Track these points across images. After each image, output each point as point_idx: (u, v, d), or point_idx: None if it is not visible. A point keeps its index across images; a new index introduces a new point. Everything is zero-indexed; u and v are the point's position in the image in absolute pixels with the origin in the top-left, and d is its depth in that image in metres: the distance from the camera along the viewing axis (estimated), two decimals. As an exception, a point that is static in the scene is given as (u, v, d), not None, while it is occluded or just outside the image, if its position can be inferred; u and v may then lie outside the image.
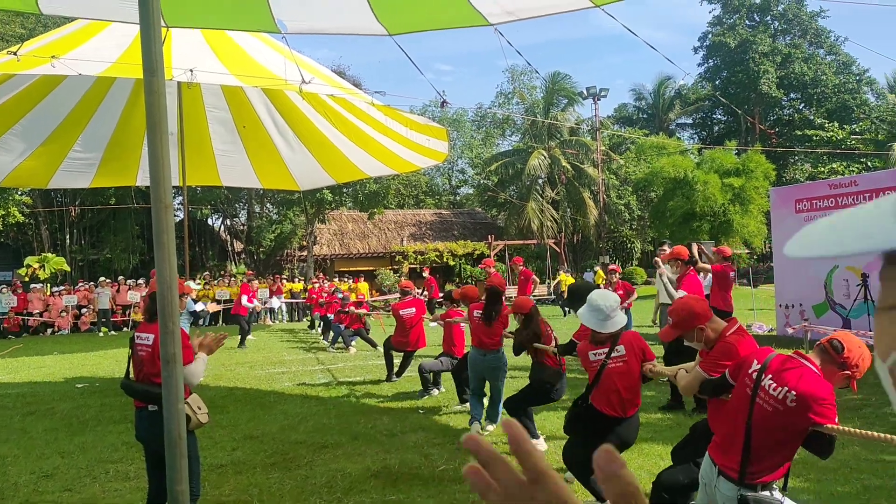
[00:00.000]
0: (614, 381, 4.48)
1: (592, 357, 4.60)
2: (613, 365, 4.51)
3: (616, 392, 4.48)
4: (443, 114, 41.87)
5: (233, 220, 35.98)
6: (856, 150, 37.17)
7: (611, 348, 4.53)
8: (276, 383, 10.43)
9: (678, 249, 8.08)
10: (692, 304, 3.60)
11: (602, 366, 4.51)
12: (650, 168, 32.96)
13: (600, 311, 4.48)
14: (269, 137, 11.82)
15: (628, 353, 4.51)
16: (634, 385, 4.53)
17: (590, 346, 4.64)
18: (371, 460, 5.96)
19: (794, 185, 16.63)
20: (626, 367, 4.50)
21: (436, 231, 38.72)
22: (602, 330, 4.49)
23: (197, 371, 3.88)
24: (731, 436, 3.10)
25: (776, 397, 2.94)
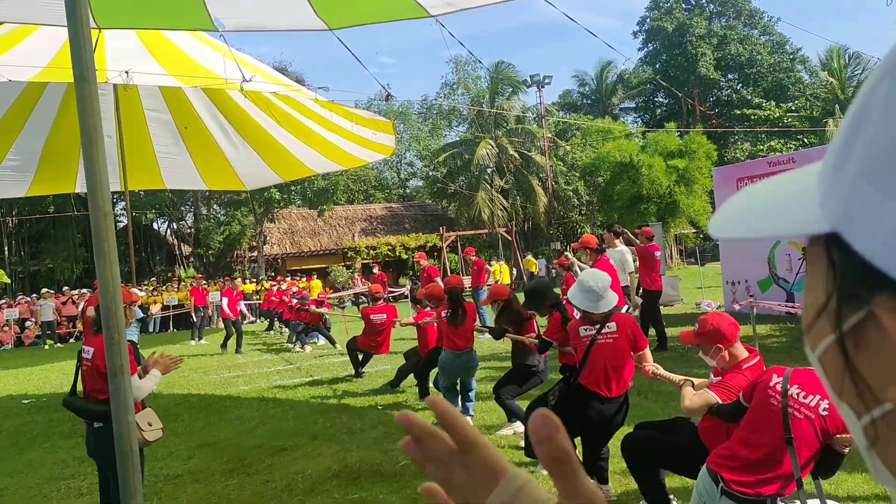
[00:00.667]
0: (604, 357, 4.43)
1: (583, 333, 4.54)
2: (603, 340, 4.45)
3: (604, 369, 4.42)
4: (388, 107, 41.73)
5: (179, 224, 35.23)
6: (792, 127, 38.30)
7: (602, 324, 4.48)
8: (231, 388, 10.27)
9: (586, 238, 8.24)
10: (722, 325, 3.55)
11: (592, 341, 4.45)
12: (596, 153, 33.41)
13: (592, 292, 4.45)
14: (213, 138, 11.58)
15: (619, 331, 4.46)
16: (622, 364, 4.46)
17: (580, 323, 4.60)
18: (331, 460, 5.92)
19: (736, 165, 17.06)
20: (615, 343, 4.44)
21: (387, 225, 38.59)
22: (595, 311, 4.46)
23: (141, 386, 3.74)
24: (757, 453, 3.02)
25: (808, 405, 2.92)
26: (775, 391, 3.04)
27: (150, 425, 3.79)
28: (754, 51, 47.70)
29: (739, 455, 3.07)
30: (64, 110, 10.35)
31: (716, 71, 46.80)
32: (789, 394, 2.98)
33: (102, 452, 3.22)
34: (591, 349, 4.43)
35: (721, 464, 3.11)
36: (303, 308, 14.27)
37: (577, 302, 4.51)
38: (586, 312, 4.51)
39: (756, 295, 12.32)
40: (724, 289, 14.66)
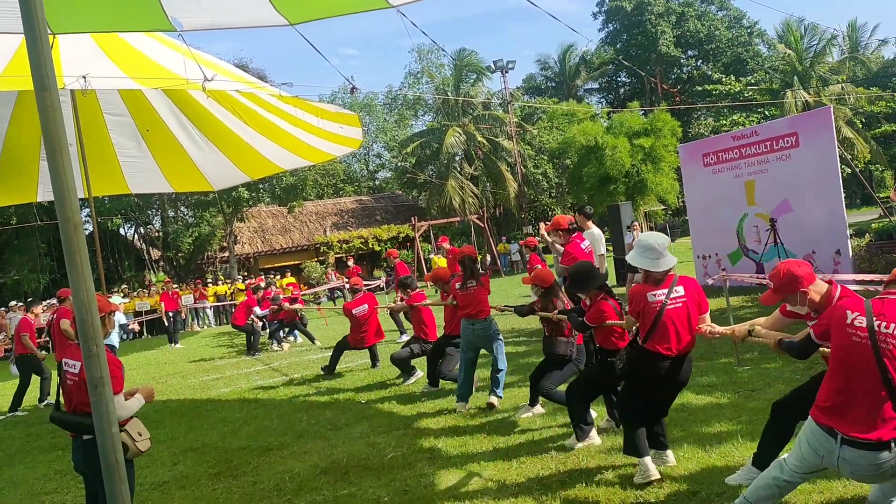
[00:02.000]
0: (674, 324, 4.29)
1: (651, 298, 4.31)
2: (672, 305, 4.29)
3: (675, 333, 4.28)
4: (353, 100, 41.44)
5: (146, 228, 34.72)
6: (753, 100, 38.78)
7: (670, 288, 4.31)
8: (211, 391, 10.18)
9: (557, 219, 8.27)
10: (793, 268, 3.45)
11: (662, 307, 4.26)
12: (563, 136, 33.55)
13: (652, 250, 4.32)
14: (176, 139, 11.40)
15: (687, 295, 4.33)
16: (691, 327, 4.33)
17: (647, 287, 4.38)
18: (318, 457, 5.91)
19: (701, 140, 17.24)
20: (684, 307, 4.31)
21: (358, 218, 38.44)
22: (656, 269, 4.31)
23: (126, 405, 3.71)
24: (855, 396, 2.94)
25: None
26: (856, 328, 2.95)
27: (140, 435, 3.75)
28: (712, 26, 48.19)
29: (843, 404, 2.99)
30: (18, 121, 10.09)
31: (676, 48, 47.22)
32: (879, 330, 2.90)
33: (92, 465, 3.18)
34: (661, 315, 4.26)
35: (830, 416, 3.02)
36: (277, 307, 14.17)
37: (637, 262, 4.39)
38: (647, 272, 4.36)
39: (727, 268, 12.51)
40: (695, 263, 14.85)
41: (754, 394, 6.05)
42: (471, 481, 4.82)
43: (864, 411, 2.93)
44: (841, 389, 3.01)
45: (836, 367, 3.05)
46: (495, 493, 4.53)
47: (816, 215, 11.90)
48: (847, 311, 3.02)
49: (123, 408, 3.67)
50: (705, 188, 14.23)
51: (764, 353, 7.43)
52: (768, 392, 6.00)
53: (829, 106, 15.62)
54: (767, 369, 6.76)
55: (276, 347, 14.12)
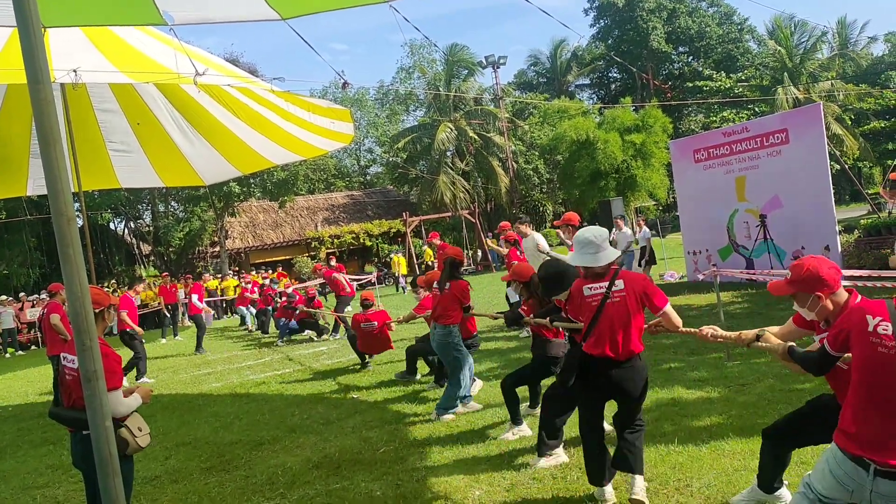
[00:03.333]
0: (611, 318, 3.95)
1: (588, 292, 4.03)
2: (611, 300, 3.94)
3: (610, 331, 3.95)
4: (344, 95, 41.36)
5: (137, 222, 34.56)
6: (743, 97, 38.93)
7: (611, 282, 3.92)
8: (202, 385, 10.17)
9: (568, 216, 8.42)
10: (821, 269, 2.98)
11: (603, 300, 3.90)
12: (554, 132, 33.60)
13: (590, 244, 4.05)
14: (167, 133, 11.35)
15: (627, 289, 3.97)
16: (630, 324, 3.97)
17: (585, 282, 4.09)
18: (310, 451, 5.92)
19: (692, 137, 17.32)
20: (623, 302, 3.96)
21: (349, 213, 38.40)
22: (596, 263, 4.03)
23: (126, 402, 3.70)
24: (888, 417, 2.52)
25: None
26: (881, 336, 2.51)
27: (141, 430, 3.73)
28: (703, 23, 48.32)
29: (873, 428, 2.55)
30: (5, 113, 10.02)
31: (667, 44, 47.32)
32: None
33: (91, 461, 3.18)
34: (601, 310, 3.90)
35: (860, 444, 2.57)
36: (290, 307, 14.14)
37: (576, 261, 4.15)
38: (587, 268, 4.09)
39: (717, 263, 12.58)
40: (686, 259, 14.93)
41: (745, 388, 6.10)
42: (463, 476, 4.84)
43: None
44: (868, 410, 2.57)
45: (861, 384, 2.60)
46: (487, 488, 4.56)
47: (806, 211, 11.99)
48: (867, 316, 2.57)
49: (122, 404, 3.66)
50: (696, 184, 14.30)
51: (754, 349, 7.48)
52: (758, 386, 6.05)
53: (819, 103, 15.71)
54: (757, 364, 6.82)
55: (280, 343, 13.99)
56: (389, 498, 4.59)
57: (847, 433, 2.62)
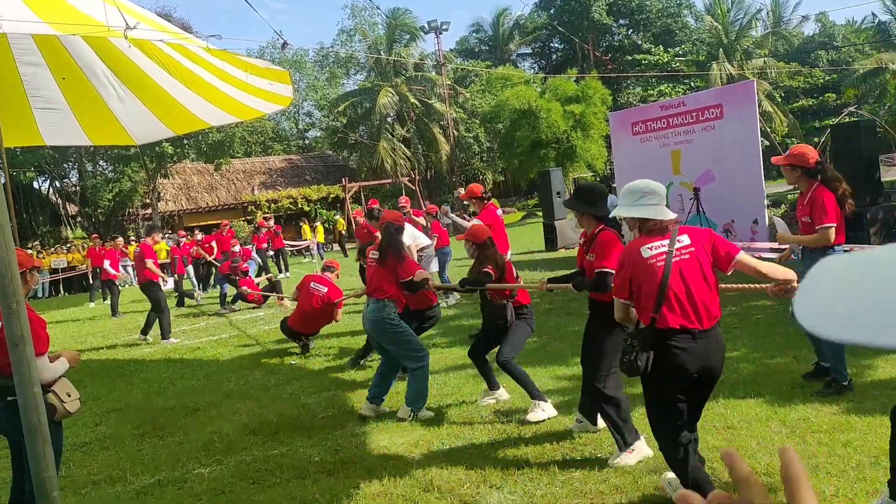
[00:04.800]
0: (686, 281, 3.22)
1: (647, 253, 3.28)
2: (680, 258, 3.25)
3: (689, 296, 3.22)
4: (282, 56, 40.33)
5: (63, 182, 33.15)
6: (680, 71, 39.68)
7: (672, 238, 3.29)
8: (135, 351, 9.92)
9: (472, 187, 8.43)
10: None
11: (668, 260, 3.23)
12: (496, 100, 33.61)
13: (654, 194, 3.36)
14: (95, 90, 10.82)
15: (695, 244, 3.28)
16: (709, 285, 3.27)
17: (642, 240, 3.34)
18: (247, 417, 5.86)
19: (630, 109, 17.57)
20: (695, 261, 3.26)
21: (287, 177, 37.74)
22: (663, 217, 3.33)
23: (52, 367, 3.57)
24: None
25: None
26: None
27: (70, 395, 3.61)
28: (644, -4, 48.80)
29: None
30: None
31: (608, 16, 47.64)
32: None
33: (15, 425, 3.07)
34: (668, 272, 3.21)
35: None
36: (235, 272, 12.97)
37: (636, 213, 3.38)
38: (645, 221, 3.37)
39: (652, 234, 12.88)
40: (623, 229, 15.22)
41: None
42: (402, 440, 4.88)
43: None
44: None
45: None
46: (427, 452, 4.61)
47: (737, 186, 12.36)
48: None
49: (48, 369, 3.54)
50: (633, 156, 14.54)
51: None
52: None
53: (753, 80, 16.14)
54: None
55: (224, 311, 13.04)
56: (329, 463, 4.59)
57: None
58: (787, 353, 5.88)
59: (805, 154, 4.86)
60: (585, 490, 3.76)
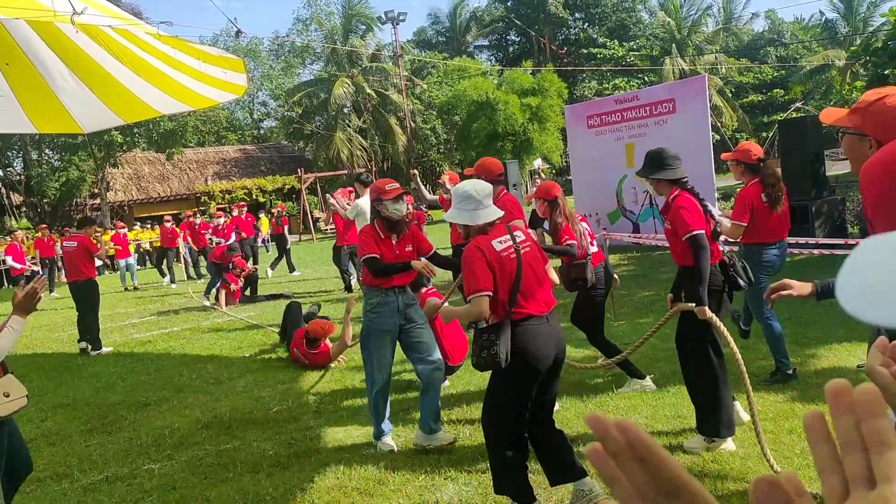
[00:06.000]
0: (534, 271, 3.40)
1: (499, 247, 3.34)
2: (524, 250, 3.41)
3: (540, 285, 3.41)
4: (236, 44, 39.62)
5: (6, 171, 32.07)
6: (634, 66, 40.21)
7: (510, 233, 3.43)
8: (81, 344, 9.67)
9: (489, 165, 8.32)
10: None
11: (517, 251, 3.36)
12: (453, 91, 33.59)
13: (470, 199, 3.42)
14: (40, 76, 10.47)
15: (528, 239, 3.53)
16: (546, 277, 3.54)
17: (490, 235, 3.39)
18: (200, 411, 5.78)
19: (586, 103, 17.77)
20: (535, 252, 3.49)
21: (242, 168, 37.18)
22: (473, 222, 3.42)
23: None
24: None
25: None
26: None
27: (8, 396, 3.26)
28: (599, -10, 49.30)
29: None
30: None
31: (564, 10, 48.01)
32: None
33: None
34: (521, 262, 3.33)
35: None
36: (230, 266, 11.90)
37: (453, 218, 3.52)
38: (466, 227, 3.50)
39: (607, 227, 13.07)
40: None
41: (627, 347, 6.41)
42: (356, 434, 4.87)
43: None
44: None
45: None
46: (380, 443, 4.60)
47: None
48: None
49: None
50: (588, 149, 14.70)
51: (638, 309, 7.87)
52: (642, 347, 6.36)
53: (705, 75, 16.44)
54: (641, 325, 7.17)
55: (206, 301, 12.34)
56: (282, 457, 4.56)
57: None
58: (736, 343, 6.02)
59: (749, 150, 5.14)
60: (542, 481, 3.81)
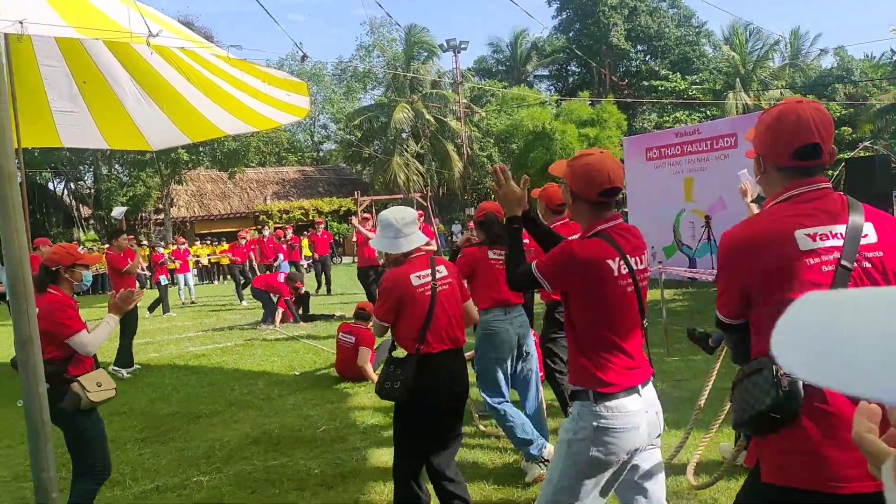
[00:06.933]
0: (446, 310, 3.42)
1: (417, 282, 3.37)
2: (441, 288, 3.43)
3: (450, 324, 3.43)
4: (301, 68, 40.67)
5: (77, 184, 33.43)
6: (696, 99, 39.71)
7: (432, 268, 3.45)
8: (140, 355, 9.90)
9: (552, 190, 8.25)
10: None
11: (433, 290, 3.38)
12: (511, 120, 33.73)
13: (389, 227, 3.45)
14: (114, 94, 10.96)
15: (450, 275, 3.52)
16: (461, 314, 3.55)
17: (410, 267, 3.43)
18: (250, 426, 5.86)
19: (645, 135, 17.61)
20: (451, 290, 3.49)
21: (300, 188, 37.92)
22: (393, 250, 3.48)
23: (90, 341, 3.65)
24: None
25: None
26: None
27: (100, 385, 3.67)
28: (663, 23, 48.99)
29: None
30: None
31: (626, 42, 47.84)
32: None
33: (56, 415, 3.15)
34: (434, 301, 3.36)
35: None
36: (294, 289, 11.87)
37: (375, 245, 3.60)
38: (387, 255, 3.61)
39: (662, 261, 12.85)
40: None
41: (680, 384, 6.27)
42: (403, 456, 4.85)
43: None
44: None
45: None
46: (426, 469, 4.58)
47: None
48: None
49: (81, 343, 3.62)
50: (646, 182, 14.55)
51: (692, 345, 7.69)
52: (694, 383, 6.22)
53: (768, 110, 16.15)
54: (694, 361, 7.01)
55: (263, 326, 11.79)
56: (328, 476, 4.58)
57: None
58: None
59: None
60: None
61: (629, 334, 2.46)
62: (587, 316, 2.44)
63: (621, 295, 2.43)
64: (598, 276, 2.38)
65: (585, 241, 2.47)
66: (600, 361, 2.40)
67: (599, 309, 2.42)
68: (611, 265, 2.40)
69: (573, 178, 2.53)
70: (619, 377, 2.40)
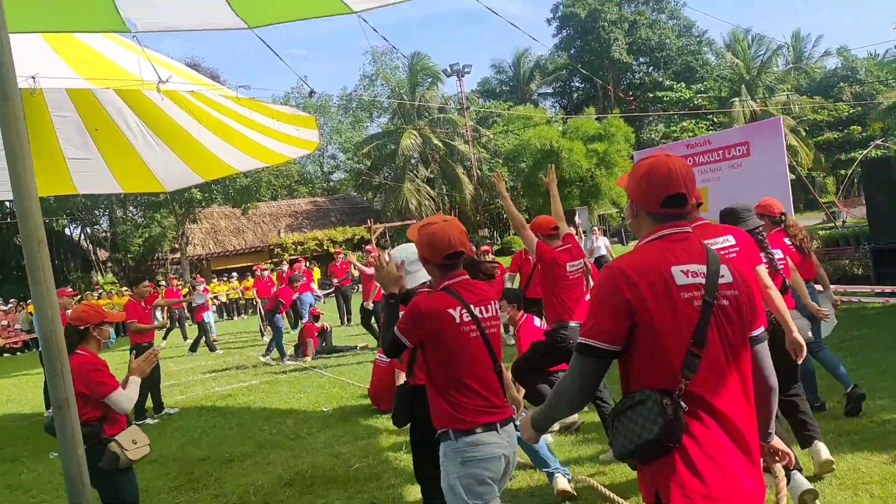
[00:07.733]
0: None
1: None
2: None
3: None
4: (307, 101, 41.05)
5: (93, 228, 33.76)
6: (703, 108, 39.68)
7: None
8: (166, 398, 9.88)
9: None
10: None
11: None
12: (518, 139, 33.84)
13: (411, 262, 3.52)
14: (126, 139, 11.08)
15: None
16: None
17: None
18: (282, 468, 5.81)
19: (656, 148, 17.55)
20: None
21: (313, 219, 38.10)
22: (410, 284, 3.52)
23: (124, 398, 3.71)
24: None
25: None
26: None
27: (135, 443, 3.69)
28: (663, 35, 49.22)
29: None
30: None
31: (628, 55, 48.09)
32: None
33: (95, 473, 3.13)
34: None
35: None
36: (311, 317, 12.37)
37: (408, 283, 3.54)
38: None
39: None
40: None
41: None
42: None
43: None
44: None
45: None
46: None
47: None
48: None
49: (117, 401, 3.68)
50: (660, 194, 14.48)
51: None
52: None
53: (779, 117, 16.08)
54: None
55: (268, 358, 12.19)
56: (365, 517, 4.52)
57: None
58: (831, 398, 5.71)
59: (771, 205, 5.72)
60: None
61: (480, 377, 2.75)
62: (439, 359, 2.74)
63: (466, 339, 2.74)
64: (441, 322, 2.72)
65: (430, 295, 2.82)
66: (455, 402, 2.70)
67: (447, 352, 2.73)
68: (452, 313, 2.74)
69: (419, 245, 2.88)
70: (474, 416, 2.70)
